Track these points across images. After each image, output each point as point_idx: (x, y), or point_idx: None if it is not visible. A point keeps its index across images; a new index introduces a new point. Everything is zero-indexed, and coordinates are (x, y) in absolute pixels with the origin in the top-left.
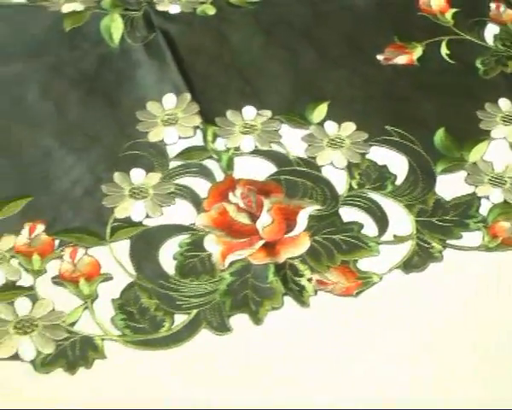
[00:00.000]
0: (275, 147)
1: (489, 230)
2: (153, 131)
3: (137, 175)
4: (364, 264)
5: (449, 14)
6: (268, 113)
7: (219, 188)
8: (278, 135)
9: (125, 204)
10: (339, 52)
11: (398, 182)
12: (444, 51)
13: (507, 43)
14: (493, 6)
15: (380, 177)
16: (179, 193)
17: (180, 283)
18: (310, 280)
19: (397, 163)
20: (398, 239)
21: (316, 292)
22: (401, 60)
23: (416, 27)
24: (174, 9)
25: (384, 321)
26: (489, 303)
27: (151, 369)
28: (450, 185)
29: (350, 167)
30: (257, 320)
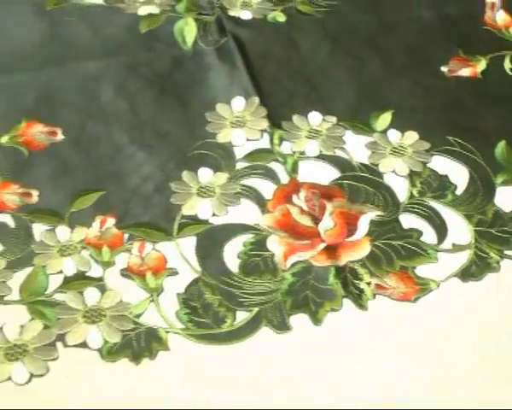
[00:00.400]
0: (339, 152)
1: None
2: (221, 132)
3: (205, 174)
4: (423, 270)
5: None
6: (333, 119)
7: (284, 190)
8: (342, 141)
9: (193, 202)
10: (403, 62)
11: (458, 192)
12: (507, 66)
13: None
14: None
15: (440, 186)
16: (245, 193)
17: (243, 281)
18: (369, 284)
19: (457, 173)
20: (456, 248)
21: (374, 296)
22: (465, 72)
23: (481, 41)
24: (246, 15)
25: (441, 327)
26: None
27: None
28: (509, 197)
29: (411, 175)
30: (316, 321)
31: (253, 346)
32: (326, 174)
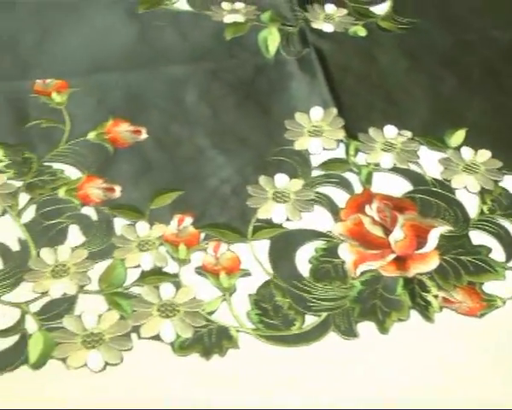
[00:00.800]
0: (412, 166)
1: None
2: (299, 140)
3: (281, 180)
4: (490, 287)
5: None
6: (408, 133)
7: (357, 200)
8: (416, 155)
9: (268, 206)
10: (479, 81)
11: None
12: None
13: None
14: None
15: (511, 205)
16: (319, 201)
17: (313, 286)
18: (436, 297)
19: None
20: None
21: (441, 309)
22: None
23: None
24: (328, 28)
25: (505, 344)
26: None
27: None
28: None
29: (482, 193)
30: (383, 329)
31: (320, 350)
32: (399, 187)
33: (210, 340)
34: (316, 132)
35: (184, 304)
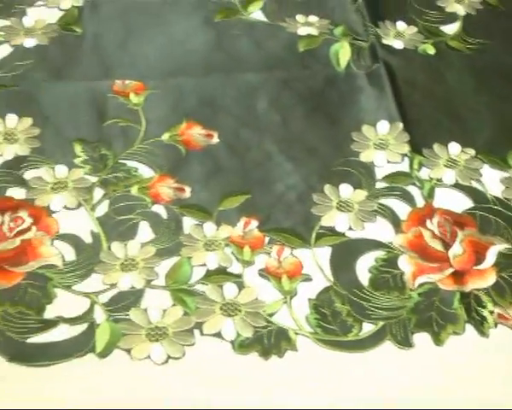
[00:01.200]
0: (474, 184)
1: None
2: (365, 152)
3: (346, 190)
4: None
5: None
6: (472, 151)
7: (418, 213)
8: (479, 173)
9: (332, 214)
10: None
11: None
12: None
13: None
14: None
15: None
16: (381, 212)
17: (372, 294)
18: (492, 313)
19: None
20: None
21: (496, 325)
22: None
23: None
24: (398, 45)
25: None
26: None
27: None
28: None
29: None
30: (438, 341)
31: (375, 357)
32: (460, 203)
33: (269, 341)
34: (381, 145)
35: (246, 304)
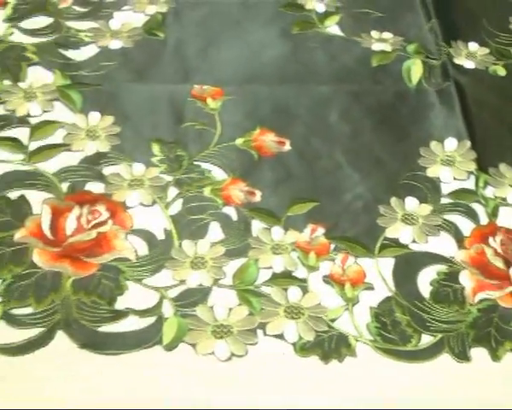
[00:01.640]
0: None
1: None
2: (431, 167)
3: (411, 203)
4: None
5: None
6: None
7: (482, 231)
8: None
9: (397, 226)
10: None
11: None
12: None
13: None
14: None
15: None
16: (445, 227)
17: (432, 307)
18: None
19: None
20: None
21: None
22: None
23: None
24: (469, 65)
25: None
26: None
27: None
28: None
29: None
30: (495, 357)
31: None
32: None
33: (330, 345)
34: (448, 162)
35: (309, 308)
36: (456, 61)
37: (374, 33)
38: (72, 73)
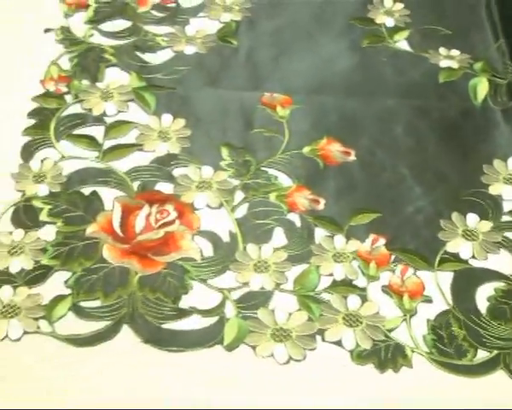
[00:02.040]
0: None
1: None
2: (494, 185)
3: (472, 219)
4: None
5: None
6: None
7: None
8: None
9: (457, 241)
10: None
11: None
12: None
13: None
14: None
15: None
16: (505, 245)
17: (489, 323)
18: None
19: None
20: None
21: None
22: None
23: None
24: None
25: None
26: None
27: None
28: None
29: None
30: None
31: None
32: None
33: (386, 355)
34: (511, 180)
35: (367, 317)
36: None
37: (442, 50)
38: (147, 76)
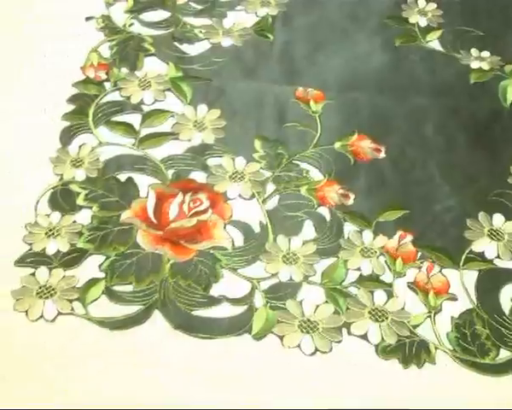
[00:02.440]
0: None
1: None
2: None
3: (498, 220)
4: None
5: None
6: None
7: None
8: None
9: (483, 241)
10: None
11: None
12: None
13: None
14: None
15: None
16: None
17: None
18: None
19: None
20: None
21: None
22: None
23: None
24: None
25: None
26: None
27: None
28: None
29: None
30: None
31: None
32: None
33: (410, 350)
34: None
35: (393, 313)
36: None
37: (473, 51)
38: (184, 66)
